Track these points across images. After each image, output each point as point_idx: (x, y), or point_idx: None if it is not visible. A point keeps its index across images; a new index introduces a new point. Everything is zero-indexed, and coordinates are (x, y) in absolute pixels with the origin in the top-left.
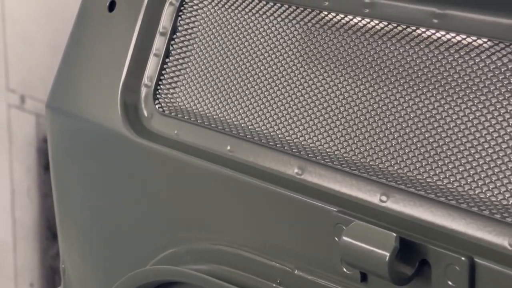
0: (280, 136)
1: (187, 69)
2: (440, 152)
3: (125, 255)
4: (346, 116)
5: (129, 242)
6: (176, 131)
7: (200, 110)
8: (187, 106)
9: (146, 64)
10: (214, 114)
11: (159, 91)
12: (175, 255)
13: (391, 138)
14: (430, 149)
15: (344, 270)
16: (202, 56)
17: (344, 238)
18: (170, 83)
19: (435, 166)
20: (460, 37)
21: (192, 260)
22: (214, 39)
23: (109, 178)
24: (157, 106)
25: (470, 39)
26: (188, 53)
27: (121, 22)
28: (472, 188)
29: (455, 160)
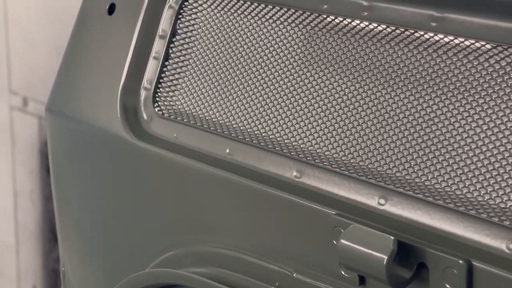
0: (279, 139)
1: (186, 72)
2: (438, 155)
3: (124, 258)
4: (345, 119)
5: (128, 245)
6: (175, 134)
7: (200, 113)
8: (186, 109)
9: (146, 67)
10: (214, 117)
11: (159, 94)
12: (175, 258)
13: (389, 141)
14: (428, 152)
15: (343, 273)
16: (202, 59)
17: (342, 241)
18: (169, 86)
19: (433, 169)
20: (458, 40)
21: (192, 263)
22: (214, 42)
23: (108, 181)
24: (156, 109)
25: (468, 42)
26: (187, 56)
27: (120, 25)
28: (470, 191)
29: (453, 163)
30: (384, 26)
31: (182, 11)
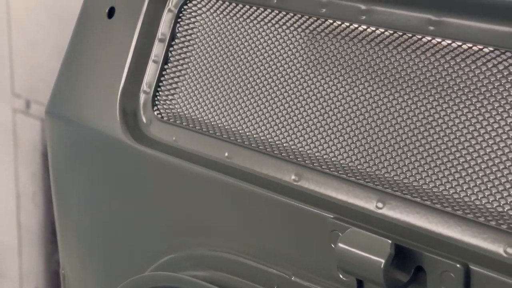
0: (278, 143)
1: (185, 75)
2: (436, 159)
3: (124, 261)
4: (343, 123)
5: (128, 248)
6: (174, 138)
7: (199, 116)
8: (185, 112)
9: (145, 71)
10: (212, 120)
11: (158, 97)
12: (174, 261)
13: (387, 145)
14: (426, 155)
15: (341, 276)
16: (201, 63)
17: (340, 244)
18: (168, 89)
19: (431, 173)
20: (456, 44)
21: (191, 266)
22: (213, 46)
23: (108, 184)
24: (155, 113)
25: (466, 46)
26: (186, 59)
27: (120, 29)
28: (468, 195)
29: (451, 167)
30: (382, 30)
31: (181, 14)
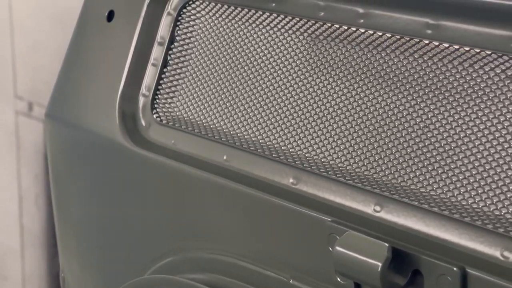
0: (276, 146)
1: (184, 79)
2: (434, 162)
3: (123, 264)
4: (341, 126)
5: (127, 251)
6: (173, 141)
7: (197, 119)
8: (184, 115)
9: (144, 74)
10: (211, 123)
11: (157, 100)
12: (173, 264)
13: (385, 148)
14: (423, 159)
15: (338, 280)
16: (200, 66)
17: (337, 248)
18: (167, 92)
19: (429, 176)
20: (453, 47)
21: (190, 270)
22: (212, 49)
23: (107, 187)
24: (154, 116)
25: (463, 50)
26: (185, 63)
27: (119, 32)
28: (465, 198)
29: (448, 170)
30: (380, 33)
31: (180, 18)
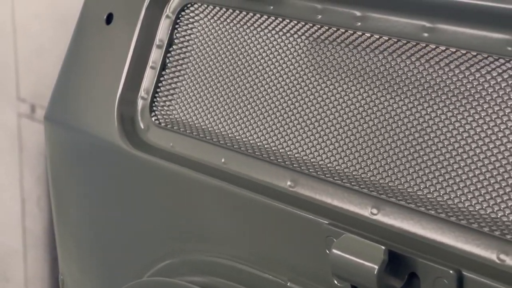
0: (274, 149)
1: (183, 81)
2: (430, 165)
3: (122, 267)
4: (338, 129)
5: (126, 254)
6: (171, 144)
7: (196, 122)
8: (183, 118)
9: (143, 77)
10: (209, 126)
11: (156, 103)
12: (171, 266)
13: (382, 151)
14: (420, 162)
15: (336, 282)
16: (198, 69)
17: (334, 251)
18: (166, 95)
19: (426, 179)
20: (450, 50)
21: (188, 272)
22: (210, 52)
23: (105, 190)
24: (153, 119)
25: (460, 53)
26: (184, 65)
27: (118, 35)
28: (462, 201)
29: (445, 173)
30: (377, 36)
31: (179, 21)
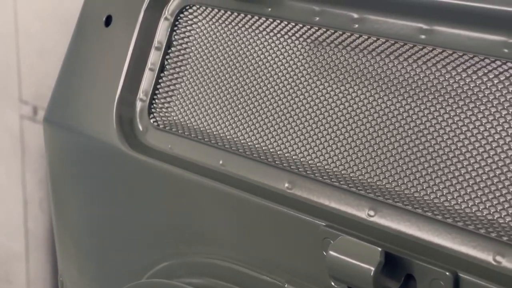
0: (272, 151)
1: (181, 83)
2: (427, 167)
3: (121, 268)
4: (336, 131)
5: (124, 255)
6: (170, 145)
7: (194, 124)
8: (181, 120)
9: (141, 79)
10: (208, 128)
11: (154, 105)
12: (170, 268)
13: (379, 153)
14: (417, 163)
15: (332, 284)
16: (197, 71)
17: (331, 252)
18: (164, 97)
19: (422, 181)
20: (446, 52)
21: (186, 274)
22: (208, 54)
23: (104, 192)
24: (151, 121)
25: (457, 55)
26: (182, 67)
27: (117, 37)
28: (458, 203)
29: (442, 175)
30: (374, 38)
31: (177, 23)
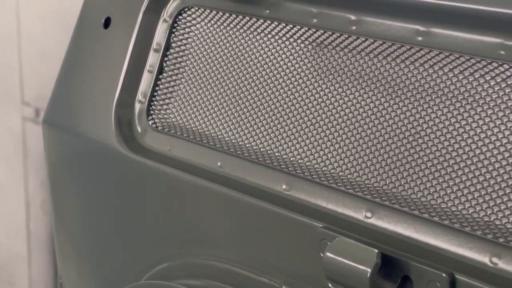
0: (270, 153)
1: (180, 85)
2: (424, 168)
3: (119, 270)
4: (333, 133)
5: (123, 257)
6: (168, 147)
7: (192, 126)
8: (179, 122)
9: (140, 81)
10: (206, 130)
11: (153, 107)
12: (168, 270)
13: (377, 155)
14: (414, 165)
15: (330, 286)
16: (195, 73)
17: (328, 254)
18: (163, 99)
19: (419, 183)
20: (443, 54)
21: (184, 275)
22: (207, 56)
23: (103, 193)
24: (150, 122)
25: (453, 56)
26: (181, 69)
27: (116, 39)
28: (455, 205)
29: (439, 176)
30: (371, 40)
31: (176, 25)
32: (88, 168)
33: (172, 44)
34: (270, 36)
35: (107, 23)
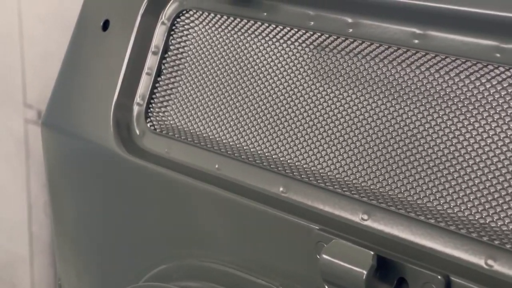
0: (267, 155)
1: (178, 88)
2: (421, 171)
3: (118, 272)
4: (330, 135)
5: (122, 259)
6: (167, 150)
7: (191, 128)
8: (178, 124)
9: (139, 83)
10: (204, 132)
11: (151, 109)
12: (167, 271)
13: (373, 157)
14: (410, 168)
15: None
16: (193, 75)
17: (324, 256)
18: (161, 101)
19: (415, 185)
20: (440, 57)
21: (183, 277)
22: (205, 59)
23: (101, 196)
24: (148, 125)
25: (449, 59)
26: (179, 72)
27: (114, 41)
28: (451, 207)
29: (435, 179)
30: (368, 43)
31: (174, 27)
32: (87, 170)
33: (170, 47)
34: (267, 38)
35: (105, 25)
